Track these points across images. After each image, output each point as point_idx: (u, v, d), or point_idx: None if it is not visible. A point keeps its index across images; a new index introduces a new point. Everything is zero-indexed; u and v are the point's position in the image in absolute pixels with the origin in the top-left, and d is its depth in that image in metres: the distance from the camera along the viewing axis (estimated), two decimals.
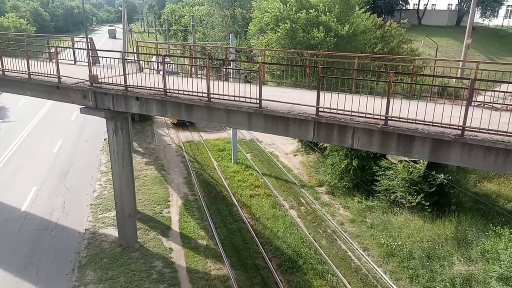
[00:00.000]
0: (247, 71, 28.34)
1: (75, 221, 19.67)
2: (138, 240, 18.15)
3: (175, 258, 17.23)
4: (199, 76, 16.94)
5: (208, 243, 18.40)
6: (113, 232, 18.60)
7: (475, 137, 9.16)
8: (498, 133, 8.96)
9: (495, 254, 15.55)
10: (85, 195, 22.30)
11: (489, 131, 9.04)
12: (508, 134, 8.86)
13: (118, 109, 15.52)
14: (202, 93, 12.94)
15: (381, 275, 16.49)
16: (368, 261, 17.41)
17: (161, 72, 14.49)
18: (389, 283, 16.00)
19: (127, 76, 14.33)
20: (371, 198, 21.60)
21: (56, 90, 16.52)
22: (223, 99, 12.63)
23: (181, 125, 36.02)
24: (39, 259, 16.69)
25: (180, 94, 13.46)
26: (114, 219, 18.79)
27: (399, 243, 17.91)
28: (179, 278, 15.93)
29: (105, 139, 29.29)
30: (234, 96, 12.36)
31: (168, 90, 13.57)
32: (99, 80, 15.16)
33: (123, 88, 14.50)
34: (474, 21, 44.14)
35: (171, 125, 36.55)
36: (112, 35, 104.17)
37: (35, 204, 21.11)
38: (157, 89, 13.92)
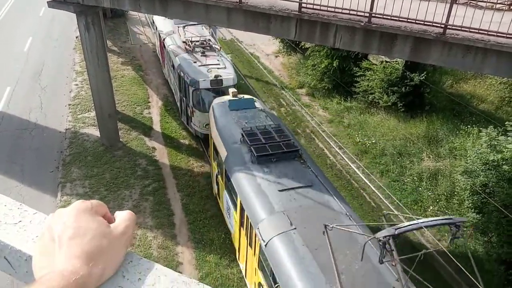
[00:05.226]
0: None
1: (54, 121, 19.60)
2: (121, 139, 18.41)
3: (159, 156, 17.74)
4: None
5: (190, 142, 18.83)
6: (95, 131, 18.73)
7: (456, 36, 9.13)
8: (479, 31, 8.92)
9: (463, 151, 16.54)
10: (62, 95, 21.90)
11: (470, 30, 8.98)
12: (489, 32, 8.84)
13: (88, 3, 14.52)
14: None
15: (355, 170, 17.53)
16: (343, 158, 18.34)
17: None
18: (361, 177, 17.10)
19: None
20: (349, 99, 21.98)
21: None
22: None
23: None
24: (22, 158, 16.93)
25: None
26: (94, 119, 18.78)
27: (373, 141, 18.75)
28: (164, 175, 16.59)
29: (77, 37, 27.85)
30: None
31: None
32: None
33: None
34: None
35: (146, 22, 34.26)
36: None
37: (11, 105, 20.71)
38: None
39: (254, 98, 15.30)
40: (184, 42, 19.48)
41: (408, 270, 6.89)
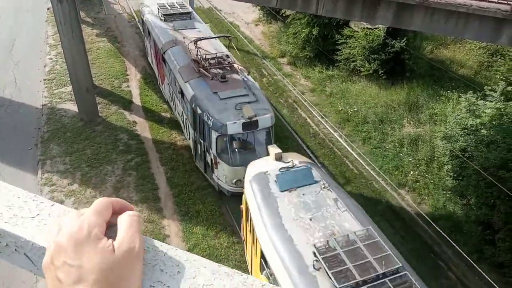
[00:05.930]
0: None
1: (30, 97, 19.00)
2: (100, 114, 18.01)
3: (140, 130, 17.47)
4: None
5: (172, 115, 18.56)
6: (72, 107, 18.25)
7: (439, 1, 9.06)
8: None
9: (443, 116, 16.81)
10: (36, 70, 21.15)
11: None
12: None
13: None
14: None
15: (337, 138, 17.68)
16: (325, 126, 18.43)
17: None
18: (344, 145, 17.28)
19: None
20: (331, 68, 21.88)
21: None
22: None
23: None
24: None
25: None
26: (71, 94, 18.26)
27: (355, 109, 18.84)
28: (146, 149, 16.41)
29: (48, 9, 26.71)
30: None
31: None
32: None
33: None
34: None
35: None
36: None
37: None
38: None
39: (309, 162, 10.64)
40: (195, 61, 15.01)
41: None
